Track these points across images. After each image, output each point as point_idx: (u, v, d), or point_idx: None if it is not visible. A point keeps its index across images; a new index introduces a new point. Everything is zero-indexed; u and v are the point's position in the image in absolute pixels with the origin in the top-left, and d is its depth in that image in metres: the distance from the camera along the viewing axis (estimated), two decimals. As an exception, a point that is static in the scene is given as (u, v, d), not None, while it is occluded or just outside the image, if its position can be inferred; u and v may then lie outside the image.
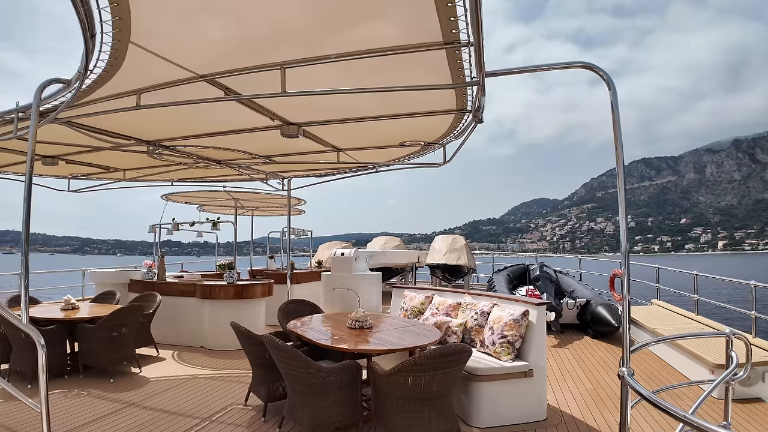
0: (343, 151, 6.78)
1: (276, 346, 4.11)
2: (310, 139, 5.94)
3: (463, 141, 5.61)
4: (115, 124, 5.29)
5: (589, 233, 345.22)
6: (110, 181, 8.91)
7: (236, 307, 8.23)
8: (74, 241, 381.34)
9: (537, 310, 5.16)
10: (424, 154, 6.99)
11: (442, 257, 13.67)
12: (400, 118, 4.97)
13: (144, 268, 9.47)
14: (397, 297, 7.06)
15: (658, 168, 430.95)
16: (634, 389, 2.53)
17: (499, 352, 5.06)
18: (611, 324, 8.49)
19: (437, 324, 5.67)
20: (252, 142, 6.23)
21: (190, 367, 7.04)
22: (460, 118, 4.90)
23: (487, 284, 12.72)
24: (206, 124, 5.41)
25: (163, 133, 5.79)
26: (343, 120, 5.24)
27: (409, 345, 4.49)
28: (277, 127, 5.28)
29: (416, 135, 5.95)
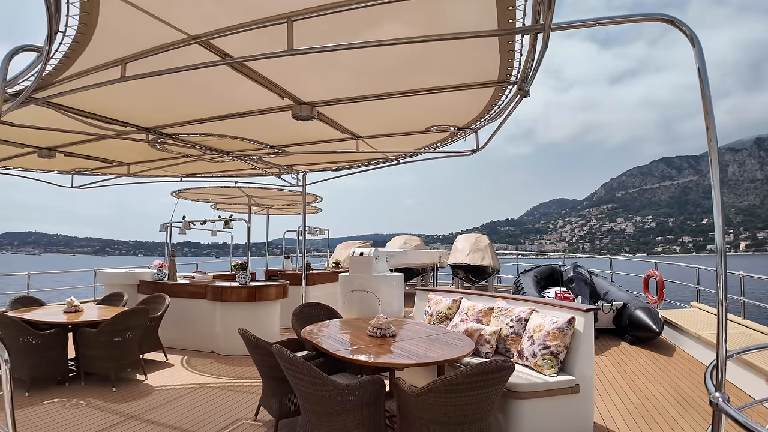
0: (362, 140, 6.12)
1: (287, 359, 3.57)
2: (325, 123, 5.30)
3: (501, 123, 4.88)
4: (108, 107, 4.74)
5: (608, 234, 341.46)
6: (114, 176, 8.43)
7: (249, 309, 7.74)
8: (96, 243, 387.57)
9: (585, 317, 4.57)
10: (452, 141, 6.29)
11: (465, 257, 13.09)
12: (427, 93, 4.28)
13: (154, 268, 9.02)
14: (421, 300, 6.52)
15: (679, 167, 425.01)
16: (738, 422, 1.92)
17: (540, 365, 4.47)
18: (652, 329, 7.85)
19: (468, 331, 5.11)
20: (261, 128, 5.63)
21: (199, 375, 6.55)
22: (501, 93, 4.20)
23: (514, 286, 12.10)
24: (209, 107, 4.81)
25: (162, 118, 5.20)
26: (362, 98, 4.50)
27: (440, 358, 3.92)
28: (287, 107, 4.68)
29: (445, 118, 5.26)
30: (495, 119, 4.82)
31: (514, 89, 3.92)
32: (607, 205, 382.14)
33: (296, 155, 6.91)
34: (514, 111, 4.40)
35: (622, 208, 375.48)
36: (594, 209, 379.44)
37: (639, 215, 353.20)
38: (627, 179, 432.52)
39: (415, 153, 6.86)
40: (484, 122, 5.04)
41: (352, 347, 4.26)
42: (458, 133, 5.57)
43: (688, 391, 5.86)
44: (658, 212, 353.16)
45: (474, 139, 5.55)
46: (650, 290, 10.80)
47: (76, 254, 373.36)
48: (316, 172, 8.41)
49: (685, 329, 7.75)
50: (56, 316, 6.48)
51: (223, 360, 7.35)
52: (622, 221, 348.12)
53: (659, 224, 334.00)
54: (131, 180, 8.88)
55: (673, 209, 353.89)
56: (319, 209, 13.62)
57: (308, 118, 4.65)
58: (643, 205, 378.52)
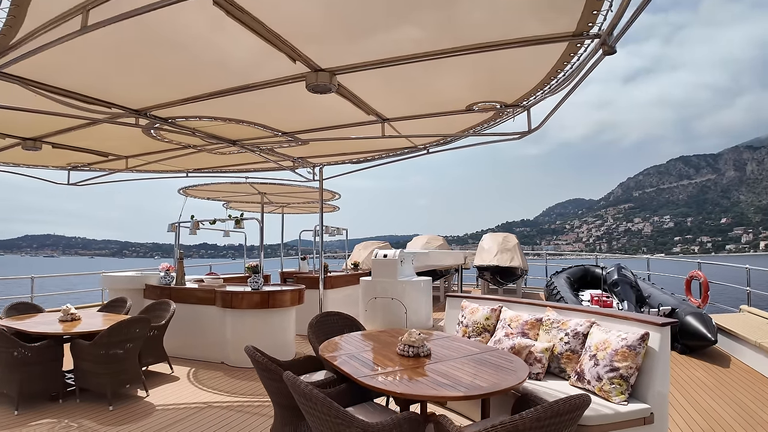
0: (388, 123, 5.20)
1: (301, 393, 2.85)
2: (346, 99, 4.41)
3: (569, 93, 3.89)
4: (86, 83, 3.98)
5: (626, 234, 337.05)
6: (111, 171, 7.72)
7: (262, 317, 7.05)
8: (113, 245, 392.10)
9: (660, 332, 3.82)
10: (496, 123, 5.33)
11: (493, 258, 12.35)
12: (473, 51, 3.27)
13: (161, 271, 8.36)
14: (452, 308, 5.79)
15: (696, 166, 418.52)
16: None
17: (607, 390, 3.73)
18: (707, 338, 7.04)
19: (515, 348, 4.38)
20: (271, 108, 4.82)
21: (206, 391, 5.88)
22: (572, 52, 3.26)
23: (546, 289, 11.34)
24: (203, 77, 3.96)
25: (151, 96, 4.37)
26: (391, 60, 3.51)
27: (493, 388, 3.17)
28: (301, 77, 3.79)
29: (491, 92, 4.34)
30: (558, 89, 3.91)
31: (594, 45, 3.05)
32: (624, 205, 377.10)
33: (312, 145, 6.11)
34: (586, 78, 3.40)
35: (640, 207, 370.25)
36: (611, 209, 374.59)
37: (657, 215, 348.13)
38: (644, 178, 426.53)
39: (458, 136, 5.81)
40: (540, 96, 4.10)
41: (380, 371, 3.55)
42: (504, 112, 4.70)
43: (755, 409, 5.16)
44: (676, 212, 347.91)
45: (525, 119, 4.65)
46: (693, 293, 10.00)
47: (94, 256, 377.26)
48: (334, 165, 7.62)
49: (742, 337, 6.96)
50: (50, 325, 5.88)
51: (234, 373, 6.67)
52: (640, 221, 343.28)
53: (677, 224, 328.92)
54: (132, 176, 8.21)
55: (691, 209, 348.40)
56: (337, 207, 12.91)
57: (326, 89, 3.78)
58: (660, 204, 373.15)
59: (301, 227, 12.76)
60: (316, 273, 10.55)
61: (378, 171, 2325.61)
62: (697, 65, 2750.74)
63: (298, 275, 10.20)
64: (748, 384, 6.00)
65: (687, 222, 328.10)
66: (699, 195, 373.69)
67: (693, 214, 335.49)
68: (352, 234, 11.67)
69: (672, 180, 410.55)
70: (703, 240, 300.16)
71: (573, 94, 3.89)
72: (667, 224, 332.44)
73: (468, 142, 6.06)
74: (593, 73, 3.55)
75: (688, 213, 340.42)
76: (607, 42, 2.76)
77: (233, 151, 6.44)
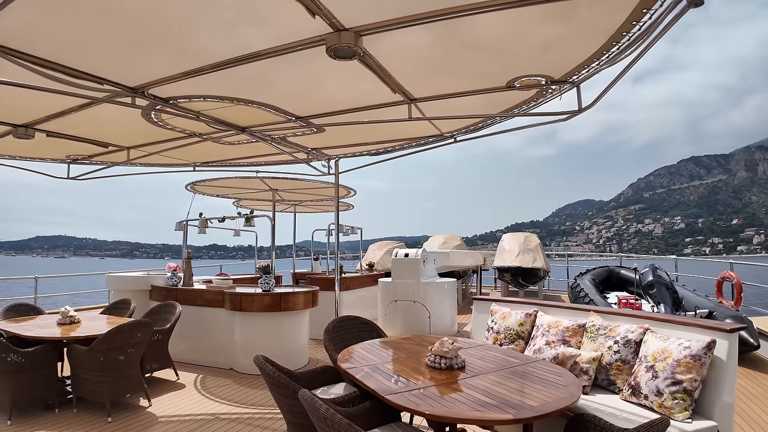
0: (415, 104, 4.58)
1: (322, 418, 2.40)
2: (370, 69, 3.76)
3: (636, 59, 3.24)
4: (71, 53, 3.41)
5: (636, 235, 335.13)
6: (112, 164, 7.24)
7: (273, 320, 6.60)
8: (124, 246, 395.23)
9: (728, 339, 3.33)
10: (537, 104, 4.67)
11: (514, 259, 11.85)
12: (526, 4, 2.70)
13: (168, 271, 7.94)
14: (480, 312, 5.31)
15: (708, 167, 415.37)
16: None
17: (669, 406, 3.25)
18: (749, 343, 6.54)
19: (559, 359, 3.90)
20: (283, 86, 4.21)
21: (213, 401, 5.44)
22: (648, 6, 2.67)
23: (570, 290, 10.83)
24: (206, 45, 3.34)
25: (147, 70, 3.79)
26: (425, 16, 2.87)
27: (546, 409, 2.70)
28: (320, 40, 3.16)
29: (539, 63, 3.68)
30: (618, 58, 3.36)
31: None
32: (635, 206, 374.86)
33: (327, 133, 5.58)
34: (659, 39, 2.83)
35: (650, 208, 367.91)
36: (621, 210, 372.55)
37: (667, 216, 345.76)
38: (654, 179, 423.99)
39: (490, 122, 5.19)
40: (595, 68, 3.60)
41: (409, 386, 3.08)
42: (548, 90, 4.16)
43: None
44: (687, 213, 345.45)
45: (575, 97, 4.07)
46: (724, 294, 9.47)
47: (105, 257, 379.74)
48: (350, 157, 7.12)
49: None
50: (47, 328, 5.48)
51: (243, 381, 6.22)
52: (650, 222, 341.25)
53: (688, 225, 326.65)
54: (135, 170, 7.76)
55: (702, 209, 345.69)
56: (351, 206, 12.45)
57: (350, 53, 3.20)
58: (671, 205, 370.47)
59: (312, 227, 12.35)
60: (330, 274, 10.11)
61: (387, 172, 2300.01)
62: (706, 65, 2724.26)
63: (311, 276, 9.75)
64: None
65: (698, 223, 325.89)
66: (710, 196, 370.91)
67: (704, 215, 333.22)
68: (364, 234, 11.24)
69: (683, 181, 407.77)
70: (714, 241, 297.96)
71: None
72: (678, 225, 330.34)
73: (500, 128, 5.52)
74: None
75: (699, 214, 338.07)
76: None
77: (242, 141, 5.95)
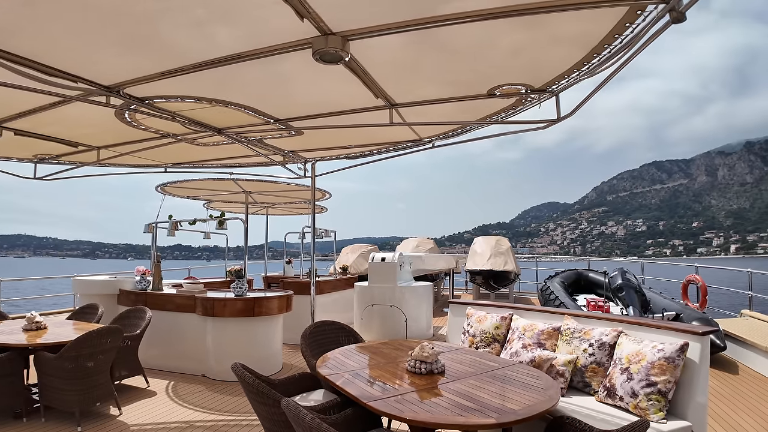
0: (396, 109, 4.61)
1: (308, 428, 2.37)
2: (353, 73, 3.75)
3: (615, 71, 3.33)
4: (43, 48, 3.29)
5: (599, 237, 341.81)
6: (82, 164, 7.03)
7: (246, 326, 6.51)
8: (86, 246, 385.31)
9: (701, 342, 3.44)
10: (516, 112, 4.77)
11: (486, 262, 11.98)
12: (515, 14, 2.72)
13: (136, 275, 7.76)
14: (456, 316, 5.36)
15: (669, 171, 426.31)
16: None
17: (645, 407, 3.33)
18: (716, 345, 6.74)
19: (536, 362, 3.96)
20: (263, 88, 4.18)
21: (186, 408, 5.35)
22: (631, 20, 2.75)
23: (541, 293, 10.97)
24: (186, 45, 3.28)
25: (123, 69, 3.68)
26: (414, 23, 2.88)
27: (528, 412, 2.74)
28: (306, 43, 3.15)
29: (519, 72, 3.76)
30: (598, 69, 3.43)
31: (659, 11, 2.54)
32: (598, 209, 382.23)
33: (306, 136, 5.53)
34: (640, 52, 2.94)
35: (613, 211, 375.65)
36: (585, 213, 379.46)
37: (630, 218, 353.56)
38: (618, 183, 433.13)
39: (469, 128, 5.22)
40: (575, 78, 3.68)
41: (391, 392, 3.08)
42: (527, 99, 4.21)
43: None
44: (649, 215, 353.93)
45: (554, 106, 4.12)
46: (690, 297, 9.74)
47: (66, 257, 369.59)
48: (327, 160, 7.07)
49: (750, 343, 6.72)
50: (12, 335, 5.30)
51: (216, 387, 6.13)
52: (613, 224, 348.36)
53: (650, 227, 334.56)
54: (105, 170, 7.56)
55: (663, 212, 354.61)
56: (325, 208, 12.38)
57: (337, 58, 3.21)
58: (633, 208, 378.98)
59: (284, 230, 12.26)
60: (304, 277, 10.04)
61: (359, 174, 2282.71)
62: (668, 73, 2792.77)
63: (284, 280, 9.66)
64: (766, 393, 5.70)
65: (659, 225, 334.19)
66: (671, 199, 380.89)
67: (665, 218, 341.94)
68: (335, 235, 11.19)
69: (645, 184, 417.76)
70: (675, 243, 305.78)
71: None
72: (640, 228, 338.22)
73: (477, 135, 5.59)
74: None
75: (661, 217, 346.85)
76: (676, 8, 2.32)
77: (217, 142, 5.85)
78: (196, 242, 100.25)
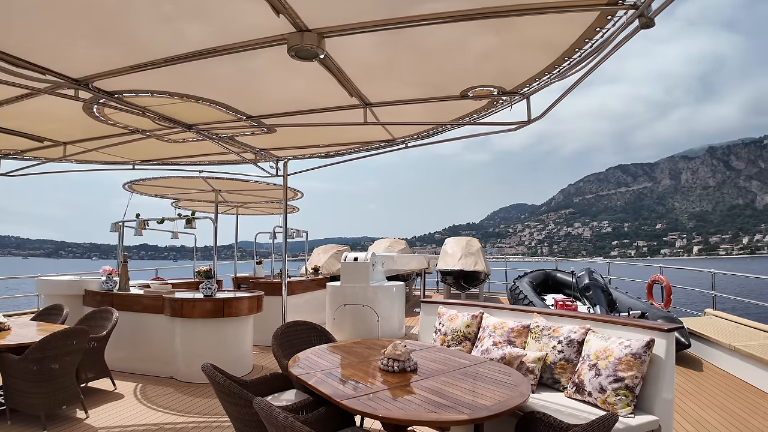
0: (371, 108, 4.60)
1: (281, 427, 2.37)
2: (328, 71, 3.73)
3: (584, 76, 3.41)
4: (9, 39, 3.18)
5: (566, 238, 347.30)
6: (47, 160, 6.85)
7: (216, 327, 6.43)
8: (49, 245, 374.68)
9: (666, 338, 3.55)
10: (487, 114, 4.81)
11: (457, 262, 12.09)
12: (490, 16, 2.74)
13: (102, 275, 7.59)
14: (428, 315, 5.39)
15: (634, 174, 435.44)
16: None
17: (612, 402, 3.42)
18: (681, 342, 6.93)
19: (506, 359, 4.02)
20: (236, 84, 4.13)
21: (155, 410, 5.26)
22: (601, 25, 2.80)
23: (509, 293, 11.11)
24: (155, 37, 3.19)
25: (93, 61, 3.58)
26: (392, 22, 2.90)
27: (499, 408, 2.78)
28: (281, 39, 3.11)
29: (492, 74, 3.82)
30: (569, 73, 3.51)
31: (628, 16, 2.61)
32: (565, 210, 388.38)
33: (279, 134, 5.50)
34: (609, 57, 3.02)
35: (580, 213, 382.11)
36: (552, 214, 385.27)
37: (596, 220, 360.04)
38: (584, 185, 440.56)
39: (442, 129, 5.26)
40: (546, 81, 3.73)
41: (365, 390, 3.09)
42: (499, 101, 4.26)
43: (745, 417, 5.01)
44: (614, 217, 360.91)
45: (524, 108, 4.20)
46: (654, 296, 9.98)
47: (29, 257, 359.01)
48: (300, 159, 7.02)
49: (714, 340, 6.92)
50: (-26, 336, 5.13)
51: (185, 389, 6.04)
52: (580, 226, 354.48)
53: (615, 229, 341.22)
54: (71, 167, 7.36)
55: (628, 214, 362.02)
56: (296, 208, 12.30)
57: (312, 54, 3.17)
58: (599, 210, 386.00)
59: (253, 230, 12.16)
60: (275, 278, 9.96)
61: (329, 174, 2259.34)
62: (635, 79, 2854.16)
63: (254, 280, 9.56)
64: (730, 389, 5.88)
65: (624, 227, 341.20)
66: (636, 202, 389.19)
67: (630, 220, 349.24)
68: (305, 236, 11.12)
69: (610, 187, 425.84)
70: (640, 244, 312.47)
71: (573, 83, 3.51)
72: (605, 229, 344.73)
73: (449, 136, 5.65)
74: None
75: (626, 219, 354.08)
76: (645, 14, 2.39)
77: (187, 139, 5.77)
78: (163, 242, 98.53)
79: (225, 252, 13.36)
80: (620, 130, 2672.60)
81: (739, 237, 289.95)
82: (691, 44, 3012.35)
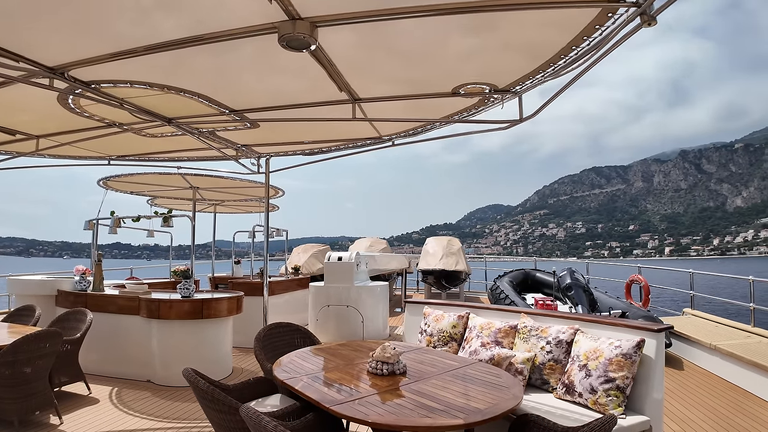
0: (359, 104, 4.50)
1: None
2: (319, 63, 3.57)
3: (580, 74, 3.33)
4: None
5: (541, 238, 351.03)
6: (18, 154, 6.58)
7: (194, 329, 6.26)
8: (19, 243, 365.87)
9: (656, 338, 3.55)
10: (477, 112, 4.70)
11: (438, 262, 12.06)
12: (485, 10, 2.65)
13: (76, 275, 7.35)
14: (413, 315, 5.32)
15: (608, 176, 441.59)
16: None
17: (604, 403, 3.38)
18: None
19: (494, 360, 3.96)
20: (220, 76, 3.95)
21: (132, 416, 5.09)
22: (601, 23, 2.71)
23: (490, 292, 11.11)
24: (134, 23, 3.00)
25: (70, 48, 3.38)
26: (382, 12, 2.78)
27: (493, 411, 2.71)
28: (272, 27, 2.96)
29: (483, 72, 3.71)
30: (563, 71, 3.46)
31: (629, 14, 2.52)
32: (540, 211, 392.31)
33: (261, 129, 5.38)
34: (607, 55, 2.97)
35: (554, 214, 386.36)
36: (527, 215, 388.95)
37: (570, 221, 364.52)
38: (559, 187, 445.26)
39: (431, 126, 5.16)
40: (539, 80, 3.66)
41: (354, 395, 3.00)
42: (490, 99, 4.21)
43: (729, 415, 5.04)
44: (588, 218, 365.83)
45: (517, 107, 4.13)
46: (633, 296, 10.07)
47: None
48: (282, 156, 6.85)
49: (695, 340, 7.00)
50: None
51: (163, 393, 5.86)
52: (554, 227, 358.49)
53: (589, 230, 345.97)
54: (44, 162, 7.09)
55: (602, 216, 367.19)
56: (276, 207, 12.11)
57: (303, 46, 3.03)
58: (573, 211, 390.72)
59: (231, 229, 11.92)
60: (254, 278, 9.78)
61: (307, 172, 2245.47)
62: (608, 83, 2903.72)
63: (233, 281, 9.37)
64: (711, 388, 5.93)
65: (598, 228, 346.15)
66: (609, 203, 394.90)
67: (603, 221, 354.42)
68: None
69: (584, 189, 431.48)
70: (613, 245, 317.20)
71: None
72: (579, 230, 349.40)
73: (437, 134, 5.58)
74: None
75: (599, 220, 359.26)
76: (647, 11, 2.34)
77: (166, 133, 5.58)
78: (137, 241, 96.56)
79: (200, 251, 13.12)
80: (595, 133, 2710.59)
81: (710, 238, 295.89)
82: (664, 49, 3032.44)
